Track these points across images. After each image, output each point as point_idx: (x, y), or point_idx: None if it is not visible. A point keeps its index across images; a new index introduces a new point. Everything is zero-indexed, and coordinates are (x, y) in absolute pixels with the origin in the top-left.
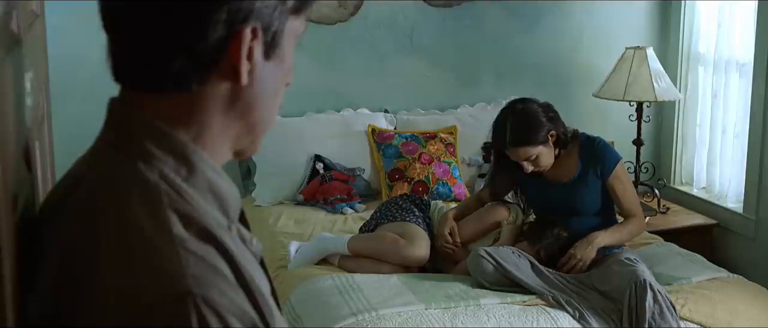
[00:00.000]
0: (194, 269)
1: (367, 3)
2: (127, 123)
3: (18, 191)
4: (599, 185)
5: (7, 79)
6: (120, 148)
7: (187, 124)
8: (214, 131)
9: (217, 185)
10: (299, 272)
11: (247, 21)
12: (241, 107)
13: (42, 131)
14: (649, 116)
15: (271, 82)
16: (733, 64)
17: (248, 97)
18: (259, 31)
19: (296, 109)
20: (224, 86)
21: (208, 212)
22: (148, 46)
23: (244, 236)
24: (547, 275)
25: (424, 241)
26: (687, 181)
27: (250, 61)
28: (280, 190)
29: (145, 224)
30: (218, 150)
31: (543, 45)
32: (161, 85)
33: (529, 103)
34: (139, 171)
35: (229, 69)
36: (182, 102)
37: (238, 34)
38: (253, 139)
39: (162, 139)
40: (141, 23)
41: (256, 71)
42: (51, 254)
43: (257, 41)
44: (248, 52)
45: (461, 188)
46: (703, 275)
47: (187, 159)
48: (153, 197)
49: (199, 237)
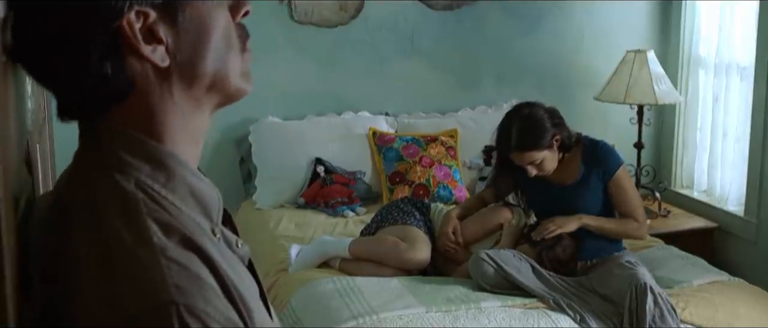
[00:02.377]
0: (176, 278)
1: (368, 5)
2: (99, 136)
3: (19, 194)
4: (601, 188)
5: (8, 83)
6: (96, 161)
7: (148, 123)
8: (172, 117)
9: (198, 188)
10: (300, 276)
11: (121, 11)
12: (183, 80)
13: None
14: (650, 119)
15: (199, 41)
16: (733, 67)
17: (182, 70)
18: (147, 10)
19: (297, 112)
20: (152, 76)
21: (190, 218)
22: (58, 84)
23: (228, 239)
24: (547, 278)
25: (425, 244)
26: (688, 184)
27: (157, 42)
28: (281, 193)
29: (125, 235)
30: (191, 133)
31: (544, 48)
32: (104, 106)
33: (535, 108)
34: (115, 182)
35: (139, 61)
36: (133, 105)
37: (121, 31)
38: (222, 90)
39: (135, 146)
40: (37, 67)
41: (174, 43)
42: (36, 269)
43: (150, 19)
44: (150, 34)
45: (462, 191)
46: (704, 278)
47: (163, 164)
48: (131, 207)
49: (181, 245)
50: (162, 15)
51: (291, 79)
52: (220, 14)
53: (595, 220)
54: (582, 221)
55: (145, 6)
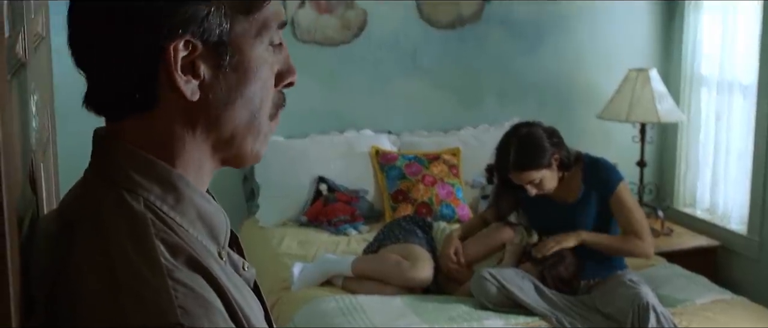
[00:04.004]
0: (182, 300)
1: (371, 24)
2: (111, 153)
3: (24, 212)
4: (603, 205)
5: (13, 103)
6: (105, 179)
7: (164, 147)
8: (192, 150)
9: (206, 212)
10: (303, 294)
11: (173, 36)
12: (208, 121)
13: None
14: (653, 138)
15: (236, 91)
16: (736, 85)
17: (210, 111)
18: (197, 43)
19: (300, 130)
20: (179, 104)
21: (196, 240)
22: (93, 75)
23: (234, 261)
24: (550, 297)
25: (428, 262)
26: (690, 202)
27: (194, 76)
28: (284, 211)
29: (132, 255)
30: (203, 167)
31: (546, 66)
32: (120, 111)
33: (533, 128)
34: (124, 201)
35: (171, 86)
36: (152, 126)
37: (165, 52)
38: (238, 149)
39: (146, 167)
40: (82, 54)
41: (211, 83)
42: (40, 286)
43: (197, 53)
44: (191, 66)
45: (465, 210)
46: (706, 297)
47: (172, 186)
48: (140, 228)
49: (188, 266)
50: (209, 52)
51: (294, 98)
52: (266, 73)
53: (594, 236)
54: (581, 237)
55: (197, 39)
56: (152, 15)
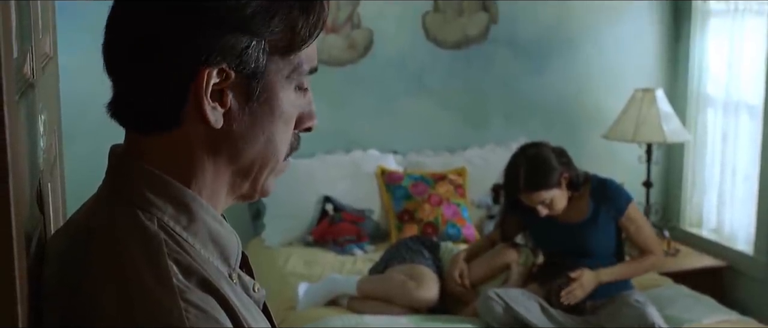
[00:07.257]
0: (194, 321)
1: (377, 44)
2: (126, 171)
3: (32, 232)
4: (612, 226)
5: (20, 123)
6: (120, 197)
7: (181, 168)
8: (208, 176)
9: (218, 234)
10: (308, 314)
11: (210, 61)
12: (228, 151)
13: (54, 173)
14: (659, 158)
15: (259, 126)
16: (742, 105)
17: (232, 141)
18: (231, 72)
19: (306, 150)
20: (202, 129)
21: (208, 261)
22: (122, 83)
23: (245, 283)
24: (556, 317)
25: (434, 283)
26: (697, 223)
27: (221, 104)
28: (290, 231)
29: (145, 275)
30: (216, 195)
31: (552, 86)
32: (143, 125)
33: (541, 148)
34: (138, 220)
35: (197, 110)
36: (172, 146)
37: (198, 75)
38: (252, 184)
39: (161, 187)
40: (115, 61)
41: (236, 114)
42: (52, 305)
43: (229, 83)
44: (220, 94)
45: (471, 230)
46: (713, 318)
47: (186, 207)
48: (153, 247)
49: (200, 287)
50: (241, 84)
51: None
52: (289, 114)
53: (609, 272)
54: (599, 278)
55: (232, 69)
56: (197, 37)
